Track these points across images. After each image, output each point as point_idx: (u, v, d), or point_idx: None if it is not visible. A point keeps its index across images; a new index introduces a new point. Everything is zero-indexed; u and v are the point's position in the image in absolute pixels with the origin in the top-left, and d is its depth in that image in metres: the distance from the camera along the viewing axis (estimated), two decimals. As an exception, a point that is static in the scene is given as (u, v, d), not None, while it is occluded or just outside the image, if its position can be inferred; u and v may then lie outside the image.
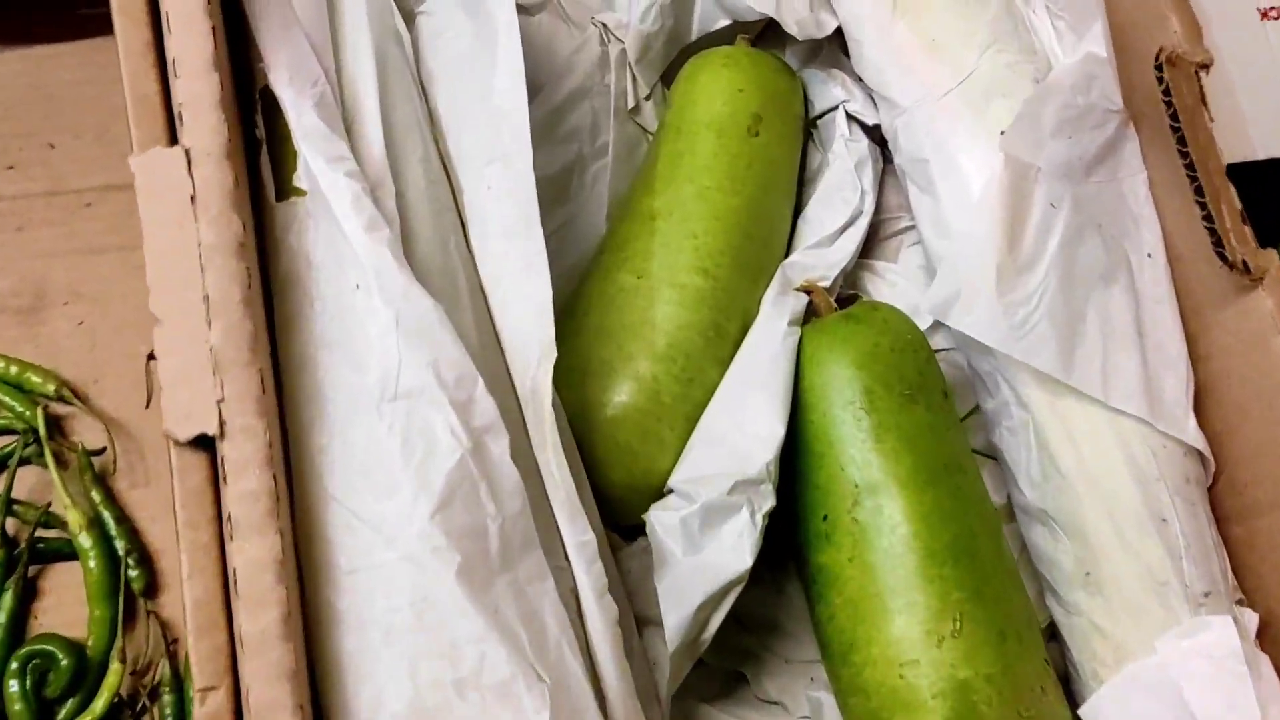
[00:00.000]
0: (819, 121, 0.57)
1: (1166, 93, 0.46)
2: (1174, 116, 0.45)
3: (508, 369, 0.43)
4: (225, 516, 0.36)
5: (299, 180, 0.41)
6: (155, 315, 0.37)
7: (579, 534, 0.39)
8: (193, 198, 0.38)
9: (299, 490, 0.39)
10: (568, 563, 0.40)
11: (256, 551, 0.35)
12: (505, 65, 0.43)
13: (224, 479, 0.36)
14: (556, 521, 0.40)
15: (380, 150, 0.43)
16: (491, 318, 0.44)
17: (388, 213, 0.41)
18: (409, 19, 0.50)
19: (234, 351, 0.36)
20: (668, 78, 0.58)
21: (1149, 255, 0.49)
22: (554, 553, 0.40)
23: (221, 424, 0.36)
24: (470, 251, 0.45)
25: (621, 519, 0.49)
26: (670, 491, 0.46)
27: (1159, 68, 0.46)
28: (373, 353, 0.37)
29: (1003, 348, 0.46)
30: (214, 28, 0.39)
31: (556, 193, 0.55)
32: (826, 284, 0.52)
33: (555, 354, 0.40)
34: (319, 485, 0.38)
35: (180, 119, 0.38)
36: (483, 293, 0.44)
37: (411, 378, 0.37)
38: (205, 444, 0.37)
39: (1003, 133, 0.49)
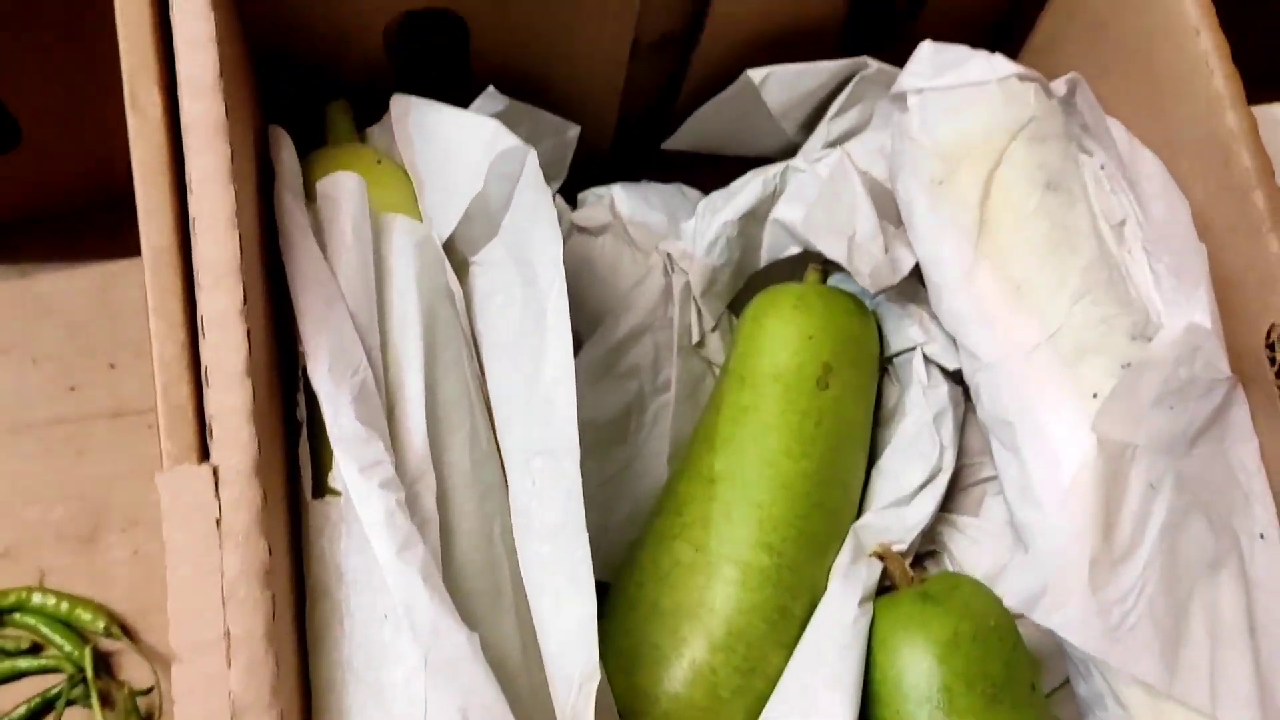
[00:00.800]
0: (895, 360, 0.53)
1: (1279, 374, 0.41)
2: (1289, 403, 0.41)
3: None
4: None
5: (335, 479, 0.39)
6: (174, 651, 0.35)
7: None
8: (218, 521, 0.36)
9: (321, 832, 0.36)
10: None
11: None
12: (554, 352, 0.41)
13: (236, 839, 0.33)
14: None
15: (422, 440, 0.41)
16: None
17: (425, 513, 0.39)
18: (463, 268, 0.48)
19: (254, 694, 0.34)
20: (737, 305, 0.56)
21: (1261, 536, 0.44)
22: None
23: (236, 779, 0.34)
24: (516, 537, 0.43)
25: (675, 812, 0.45)
26: (726, 800, 0.43)
27: (1270, 346, 0.41)
28: (398, 698, 0.35)
29: (1098, 653, 0.42)
30: (249, 330, 0.38)
31: (615, 435, 0.52)
32: (902, 548, 0.48)
33: (599, 677, 0.37)
34: (341, 833, 0.36)
35: (210, 433, 0.37)
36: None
37: (438, 728, 0.34)
38: (220, 794, 0.34)
39: (1095, 395, 0.45)
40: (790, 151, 0.60)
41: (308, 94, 0.52)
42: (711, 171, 0.61)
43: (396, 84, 0.53)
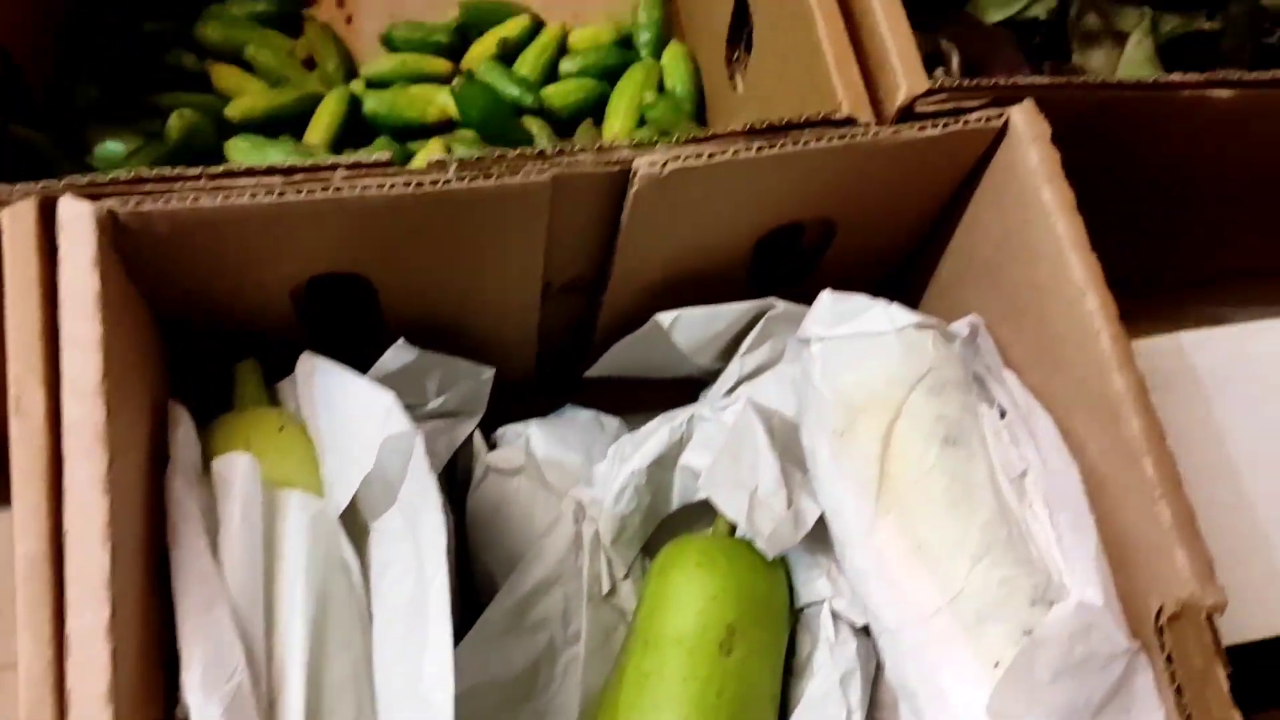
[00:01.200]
0: (806, 611, 0.53)
1: (1170, 658, 0.41)
2: (1179, 690, 0.40)
3: None
4: None
5: (204, 795, 0.39)
6: None
7: None
8: None
9: None
10: None
11: None
12: (435, 649, 0.41)
13: None
14: None
15: (298, 744, 0.40)
16: None
17: (296, 830, 0.39)
18: (364, 533, 0.48)
19: None
20: (652, 547, 0.55)
21: (1171, 814, 0.43)
22: None
23: None
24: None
25: None
26: None
27: (1159, 630, 0.41)
28: None
29: None
30: (115, 648, 0.37)
31: (525, 690, 0.51)
32: (810, 821, 0.47)
33: None
34: None
35: (70, 761, 0.36)
36: None
37: None
38: None
39: (997, 664, 0.45)
40: (711, 374, 0.61)
41: (218, 351, 0.53)
42: (639, 388, 0.61)
43: (308, 339, 0.53)
